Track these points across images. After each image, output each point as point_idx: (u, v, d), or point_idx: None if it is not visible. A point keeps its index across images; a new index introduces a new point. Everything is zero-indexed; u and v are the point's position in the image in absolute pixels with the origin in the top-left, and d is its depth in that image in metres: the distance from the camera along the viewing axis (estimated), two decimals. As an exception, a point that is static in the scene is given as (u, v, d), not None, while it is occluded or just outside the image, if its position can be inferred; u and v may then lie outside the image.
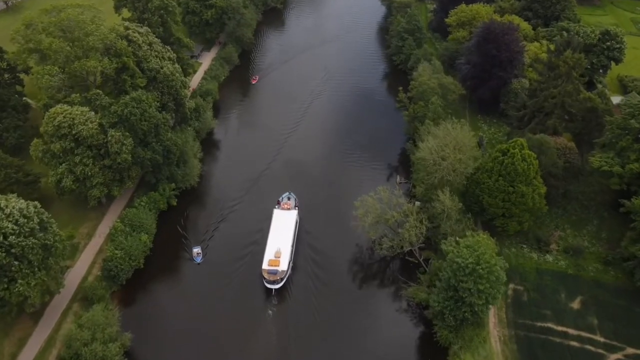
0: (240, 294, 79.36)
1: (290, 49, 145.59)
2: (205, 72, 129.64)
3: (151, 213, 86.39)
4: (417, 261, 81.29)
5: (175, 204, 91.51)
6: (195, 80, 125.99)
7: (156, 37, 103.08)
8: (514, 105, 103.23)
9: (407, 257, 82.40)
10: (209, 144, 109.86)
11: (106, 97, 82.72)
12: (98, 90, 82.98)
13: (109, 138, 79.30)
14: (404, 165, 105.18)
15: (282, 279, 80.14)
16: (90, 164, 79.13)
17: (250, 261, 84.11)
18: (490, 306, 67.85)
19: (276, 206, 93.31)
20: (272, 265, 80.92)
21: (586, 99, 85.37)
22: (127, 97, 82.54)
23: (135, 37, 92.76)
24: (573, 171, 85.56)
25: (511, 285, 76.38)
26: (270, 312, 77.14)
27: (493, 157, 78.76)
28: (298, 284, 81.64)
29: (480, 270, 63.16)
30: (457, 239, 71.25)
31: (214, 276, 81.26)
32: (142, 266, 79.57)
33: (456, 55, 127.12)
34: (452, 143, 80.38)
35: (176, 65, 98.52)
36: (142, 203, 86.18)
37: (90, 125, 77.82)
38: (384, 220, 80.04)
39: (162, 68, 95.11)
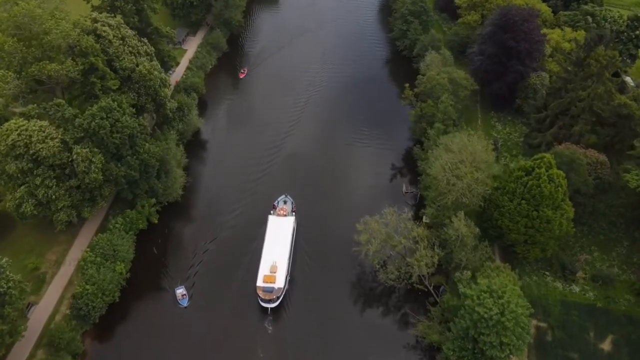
0: (232, 316, 71.77)
1: (284, 32, 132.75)
2: (191, 62, 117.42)
3: (128, 236, 76.64)
4: (426, 289, 72.61)
5: (156, 221, 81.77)
6: (179, 72, 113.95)
7: (131, 27, 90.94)
8: (533, 104, 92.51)
9: (415, 285, 73.49)
10: (195, 146, 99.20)
11: (69, 108, 71.53)
12: (60, 100, 71.72)
13: (74, 156, 68.75)
14: (410, 169, 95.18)
15: (278, 298, 72.76)
16: (54, 186, 68.86)
17: (244, 276, 76.67)
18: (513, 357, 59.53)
19: (271, 211, 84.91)
20: (267, 282, 73.32)
21: (621, 105, 74.82)
22: (95, 107, 71.49)
23: (104, 31, 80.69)
24: (603, 187, 75.93)
25: (534, 322, 67.90)
26: (269, 328, 70.85)
27: (515, 176, 68.87)
28: (296, 302, 74.35)
29: (506, 322, 54.36)
30: (475, 275, 62.20)
31: (203, 311, 72.36)
32: (117, 299, 70.53)
33: (467, 42, 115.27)
34: (469, 159, 70.24)
35: (154, 62, 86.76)
36: (117, 225, 76.31)
37: (50, 143, 67.11)
38: (390, 246, 70.92)
39: (137, 66, 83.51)
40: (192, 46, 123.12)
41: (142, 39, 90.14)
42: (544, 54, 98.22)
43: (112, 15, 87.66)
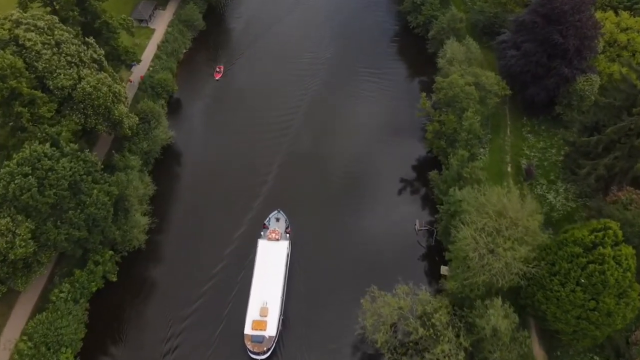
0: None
1: (274, 5, 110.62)
2: (159, 47, 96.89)
3: (78, 306, 61.65)
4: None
5: (115, 278, 66.48)
6: (145, 61, 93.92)
7: (71, 24, 70.96)
8: (579, 119, 74.33)
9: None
10: (164, 166, 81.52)
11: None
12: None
13: (-10, 230, 52.36)
14: (425, 196, 78.67)
15: (269, 350, 61.49)
16: (-32, 265, 53.13)
17: (230, 315, 64.99)
18: None
19: (261, 232, 71.72)
20: (256, 329, 62.45)
21: None
22: (14, 160, 53.84)
23: (29, 39, 61.24)
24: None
25: None
26: None
27: (569, 253, 52.88)
28: (290, 351, 62.58)
29: None
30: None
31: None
32: (64, 398, 56.91)
33: (495, 22, 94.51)
34: (507, 224, 53.91)
35: (101, 74, 67.34)
36: (61, 296, 61.01)
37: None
38: (403, 329, 56.38)
39: (79, 81, 64.81)
40: (161, 24, 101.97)
41: (87, 38, 70.49)
42: (597, 51, 78.53)
43: (46, 7, 67.51)
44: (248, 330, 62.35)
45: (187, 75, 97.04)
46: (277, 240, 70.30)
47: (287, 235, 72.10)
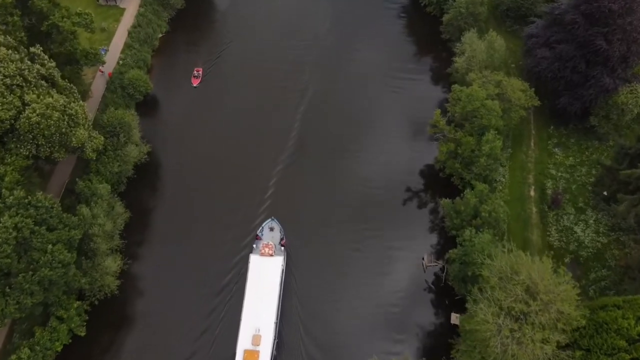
0: None
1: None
2: (130, 33, 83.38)
3: (39, 373, 54.49)
4: None
5: (83, 333, 58.61)
6: (114, 51, 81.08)
7: (13, 30, 58.41)
8: (621, 144, 63.51)
9: None
10: (139, 185, 71.31)
11: None
12: None
13: None
14: (433, 224, 69.40)
15: None
16: None
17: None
18: None
19: (254, 244, 65.23)
20: None
21: None
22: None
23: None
24: None
25: None
26: None
27: (609, 344, 44.48)
28: None
29: None
30: None
31: None
32: None
33: (522, 6, 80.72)
34: (538, 307, 45.14)
35: (51, 97, 55.55)
36: (19, 363, 53.59)
37: None
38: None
39: (23, 109, 53.58)
40: (132, 3, 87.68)
41: (33, 48, 58.05)
42: (644, 58, 66.15)
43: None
44: None
45: (164, 67, 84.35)
46: (271, 255, 63.48)
47: (282, 248, 65.29)
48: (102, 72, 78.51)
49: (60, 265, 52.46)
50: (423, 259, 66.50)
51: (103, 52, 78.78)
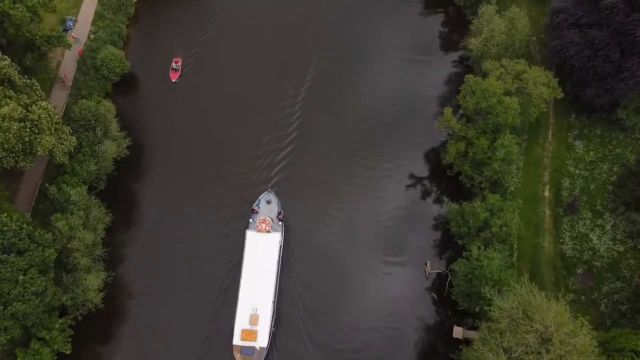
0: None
1: None
2: (101, 0, 73.42)
3: (23, 398, 52.44)
4: None
5: (69, 351, 55.98)
6: (84, 22, 71.76)
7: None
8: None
9: None
10: (120, 181, 65.60)
11: None
12: None
13: None
14: (436, 226, 64.59)
15: None
16: None
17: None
18: None
19: (250, 219, 62.62)
20: (246, 340, 57.26)
21: None
22: None
23: None
24: None
25: None
26: None
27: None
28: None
29: None
30: None
31: None
32: None
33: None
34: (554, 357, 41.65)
35: (8, 105, 48.38)
36: (1, 392, 51.50)
37: None
38: None
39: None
40: (102, -38, 76.34)
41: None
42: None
43: None
44: (237, 341, 56.85)
45: (143, 37, 75.57)
46: (268, 232, 61.06)
47: (280, 222, 62.45)
48: (75, 38, 69.90)
49: (34, 297, 48.57)
50: (426, 264, 62.59)
51: (70, 24, 70.26)
